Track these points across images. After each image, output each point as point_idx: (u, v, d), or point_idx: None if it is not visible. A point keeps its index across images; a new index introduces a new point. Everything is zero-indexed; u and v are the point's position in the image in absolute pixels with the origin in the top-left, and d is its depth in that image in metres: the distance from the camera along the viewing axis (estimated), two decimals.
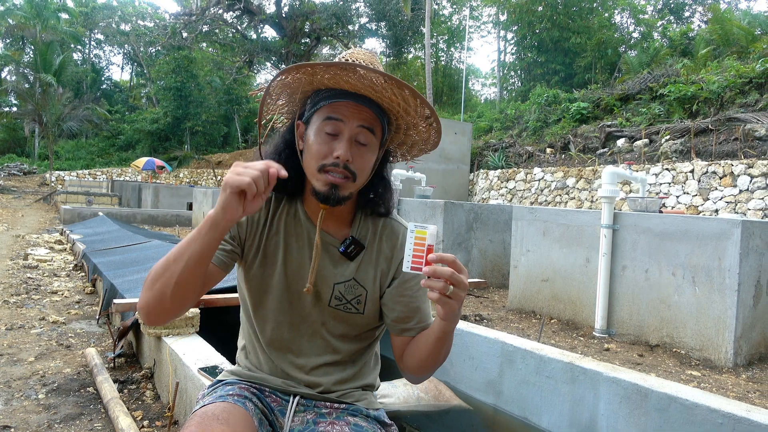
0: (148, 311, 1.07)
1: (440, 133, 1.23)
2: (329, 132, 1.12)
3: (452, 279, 0.96)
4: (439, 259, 0.97)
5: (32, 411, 2.38)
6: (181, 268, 1.02)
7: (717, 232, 3.24)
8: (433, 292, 0.97)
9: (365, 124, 1.13)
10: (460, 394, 2.94)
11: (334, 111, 1.12)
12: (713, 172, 9.36)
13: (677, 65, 14.11)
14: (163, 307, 1.06)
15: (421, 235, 0.99)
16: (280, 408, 1.24)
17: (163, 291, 1.04)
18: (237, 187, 0.96)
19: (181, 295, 1.05)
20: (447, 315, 1.04)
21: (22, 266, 6.03)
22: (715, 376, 3.01)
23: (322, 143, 1.12)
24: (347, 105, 1.12)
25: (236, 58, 31.50)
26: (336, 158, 1.11)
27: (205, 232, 1.01)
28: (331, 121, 1.12)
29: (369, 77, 1.07)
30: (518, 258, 4.61)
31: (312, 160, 1.14)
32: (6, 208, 15.83)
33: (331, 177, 1.12)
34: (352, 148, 1.12)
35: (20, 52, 32.95)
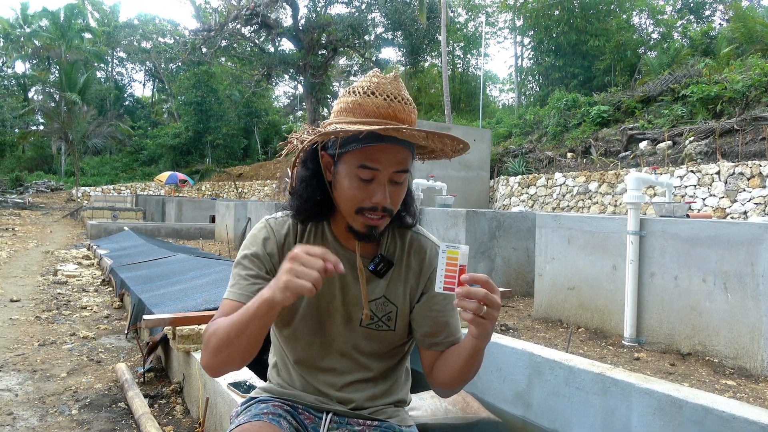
0: (217, 371, 1.11)
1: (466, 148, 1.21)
2: (364, 177, 1.10)
3: (486, 299, 0.96)
4: (472, 280, 0.96)
5: (66, 427, 2.42)
6: (245, 342, 1.04)
7: (749, 236, 3.17)
8: (467, 313, 0.97)
9: (400, 168, 1.12)
10: (488, 406, 2.91)
11: (369, 159, 1.09)
12: (740, 173, 9.18)
13: (699, 65, 13.89)
14: (231, 368, 1.10)
15: (453, 255, 0.99)
16: (313, 425, 1.24)
17: (232, 358, 1.07)
18: (298, 292, 0.95)
19: (248, 356, 1.08)
20: (480, 334, 1.04)
21: (52, 282, 6.16)
22: (751, 385, 2.94)
23: (358, 189, 1.11)
24: (382, 150, 1.08)
25: (255, 71, 31.88)
26: (374, 204, 1.11)
27: (262, 313, 1.00)
28: (367, 170, 1.09)
29: (412, 135, 1.07)
30: (543, 266, 4.57)
31: (348, 203, 1.13)
32: (35, 224, 16.21)
33: (370, 221, 1.12)
34: (388, 189, 1.11)
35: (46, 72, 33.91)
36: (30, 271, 7.06)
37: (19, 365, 3.25)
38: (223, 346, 1.06)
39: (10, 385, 2.91)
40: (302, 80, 30.24)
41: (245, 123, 33.01)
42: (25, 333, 3.99)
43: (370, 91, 1.12)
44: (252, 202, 12.43)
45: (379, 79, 1.14)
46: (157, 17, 43.16)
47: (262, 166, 29.37)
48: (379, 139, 1.07)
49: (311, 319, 1.24)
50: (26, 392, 2.82)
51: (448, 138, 1.10)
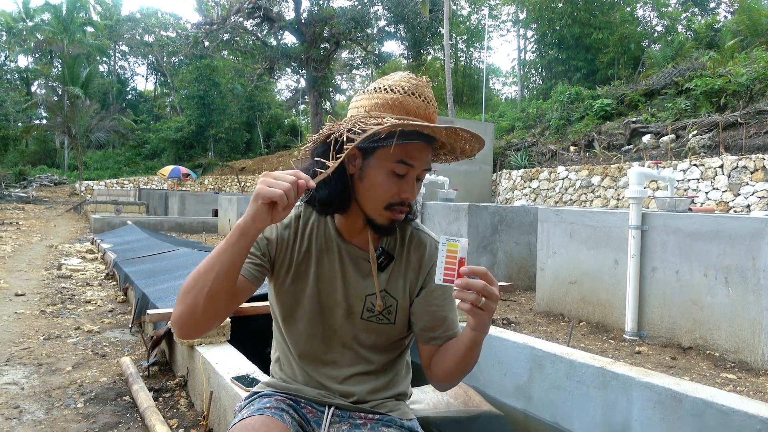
0: (182, 324, 1.10)
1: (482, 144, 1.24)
2: (399, 173, 1.14)
3: (484, 291, 0.98)
4: (471, 272, 0.98)
5: (72, 420, 2.45)
6: (212, 279, 1.05)
7: (750, 231, 3.17)
8: (465, 303, 0.99)
9: (428, 167, 1.18)
10: (490, 400, 2.93)
11: (407, 155, 1.13)
12: (744, 166, 9.15)
13: (703, 58, 13.82)
14: (195, 320, 1.08)
15: (452, 247, 1.00)
16: (315, 419, 1.26)
17: (196, 303, 1.06)
18: (268, 198, 0.98)
19: (213, 307, 1.08)
20: (477, 325, 1.05)
21: (57, 276, 6.19)
22: (752, 379, 2.95)
23: (391, 183, 1.14)
24: (417, 147, 1.14)
25: (257, 65, 31.84)
26: (404, 199, 1.15)
27: (234, 241, 1.04)
28: (404, 166, 1.13)
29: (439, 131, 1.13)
30: (545, 260, 4.58)
31: (378, 198, 1.16)
32: (39, 218, 16.28)
33: (396, 215, 1.17)
34: (416, 185, 1.18)
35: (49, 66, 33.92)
36: (34, 265, 7.10)
37: (25, 359, 3.29)
38: (191, 286, 1.06)
39: (16, 379, 2.94)
40: (305, 74, 30.18)
41: (248, 117, 33.01)
42: (30, 327, 4.02)
43: (411, 92, 1.15)
44: None
45: (417, 81, 1.18)
46: (159, 11, 43.21)
47: (265, 159, 29.40)
48: (418, 137, 1.12)
49: (313, 312, 1.26)
50: (32, 386, 2.85)
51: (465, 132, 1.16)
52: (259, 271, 1.21)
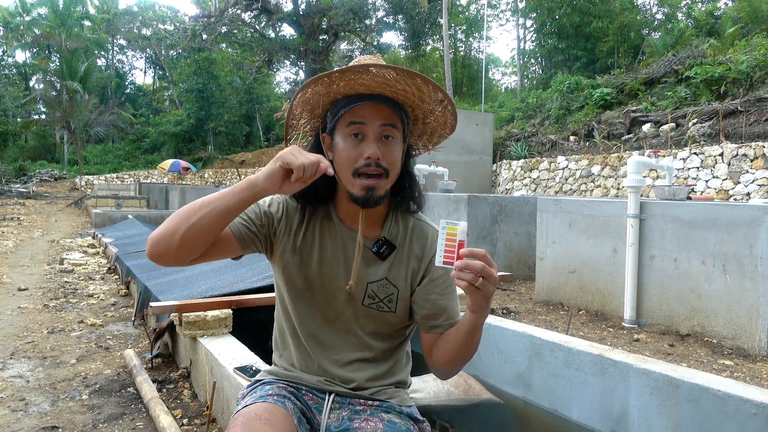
0: (155, 242, 1.12)
1: (456, 115, 1.27)
2: (355, 135, 1.18)
3: (483, 272, 1.00)
4: (471, 254, 1.01)
5: (77, 411, 2.48)
6: (203, 214, 1.10)
7: (747, 218, 3.19)
8: (462, 282, 1.01)
9: (387, 122, 1.18)
10: (490, 388, 2.97)
11: (355, 115, 1.17)
12: (744, 154, 9.14)
13: (703, 46, 13.75)
14: (168, 243, 1.11)
15: (452, 231, 1.03)
16: (316, 406, 1.29)
17: (178, 227, 1.10)
18: (288, 163, 1.06)
19: (191, 239, 1.11)
20: (476, 306, 1.08)
21: (59, 271, 6.23)
22: (749, 365, 2.98)
23: (351, 147, 1.18)
24: (367, 107, 1.17)
25: (255, 57, 31.73)
26: (367, 159, 1.16)
27: (238, 189, 1.10)
28: (355, 125, 1.17)
29: (381, 74, 1.12)
30: (544, 250, 4.60)
31: (345, 166, 1.19)
32: (40, 213, 16.31)
33: (366, 181, 1.17)
34: (380, 146, 1.17)
35: (47, 61, 33.80)
36: (36, 260, 7.13)
37: (30, 352, 3.32)
38: (182, 213, 1.11)
39: (21, 372, 2.98)
40: (303, 66, 30.10)
41: (247, 110, 32.90)
42: (33, 321, 4.06)
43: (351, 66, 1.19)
44: None
45: (360, 57, 1.26)
46: (156, 4, 42.83)
47: (265, 152, 29.34)
48: (363, 98, 1.16)
49: (318, 295, 1.29)
50: (37, 378, 2.89)
51: (420, 78, 1.14)
52: (249, 236, 1.24)
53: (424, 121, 1.30)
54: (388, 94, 1.18)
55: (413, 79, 1.14)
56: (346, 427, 1.24)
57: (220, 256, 1.23)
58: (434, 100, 1.21)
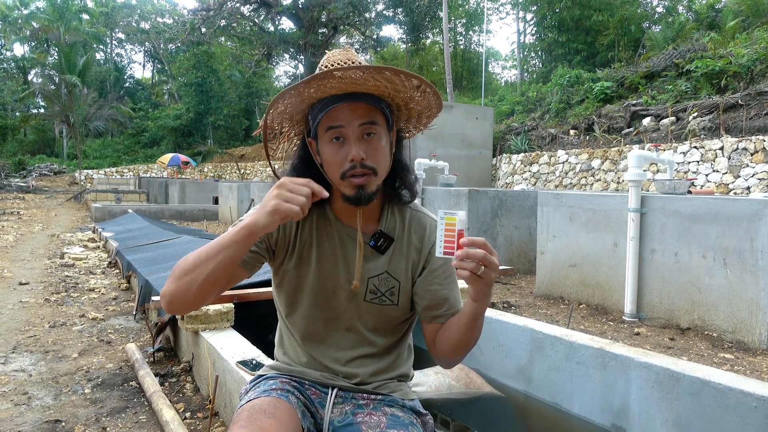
0: (171, 301, 1.14)
1: (438, 95, 1.22)
2: (336, 140, 1.16)
3: (484, 260, 1.00)
4: (471, 243, 1.00)
5: (80, 405, 2.49)
6: (211, 269, 1.09)
7: (748, 212, 3.19)
8: (464, 271, 1.01)
9: (365, 120, 1.16)
10: (491, 382, 2.98)
11: (331, 119, 1.15)
12: (744, 148, 9.14)
13: (704, 39, 13.72)
14: (185, 300, 1.13)
15: (450, 220, 1.03)
16: (319, 400, 1.29)
17: (190, 285, 1.11)
18: (286, 216, 1.03)
19: (206, 291, 1.13)
20: (477, 295, 1.07)
21: (60, 265, 6.23)
22: (749, 359, 2.99)
23: (334, 152, 1.16)
24: (341, 108, 1.14)
25: (255, 51, 31.63)
26: (351, 161, 1.14)
27: (240, 239, 1.07)
28: (333, 130, 1.15)
29: (347, 76, 1.10)
30: (545, 244, 4.60)
31: (332, 171, 1.18)
32: (40, 207, 16.30)
33: (354, 180, 1.15)
34: (362, 145, 1.15)
35: (45, 55, 33.70)
36: (37, 254, 7.13)
37: (32, 346, 3.33)
38: (189, 269, 1.11)
39: (23, 366, 2.98)
40: (303, 59, 30.01)
41: (246, 103, 32.85)
42: (35, 315, 4.06)
43: (324, 66, 1.19)
44: (255, 183, 12.46)
45: (329, 54, 1.23)
46: None
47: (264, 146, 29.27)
48: (336, 100, 1.13)
49: (317, 295, 1.28)
50: (39, 372, 2.89)
51: (388, 71, 1.11)
52: (254, 259, 1.25)
53: (406, 107, 1.27)
54: (360, 91, 1.15)
55: (381, 74, 1.11)
56: (349, 422, 1.24)
57: (231, 286, 1.25)
58: (409, 87, 1.18)
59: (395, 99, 1.22)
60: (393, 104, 1.24)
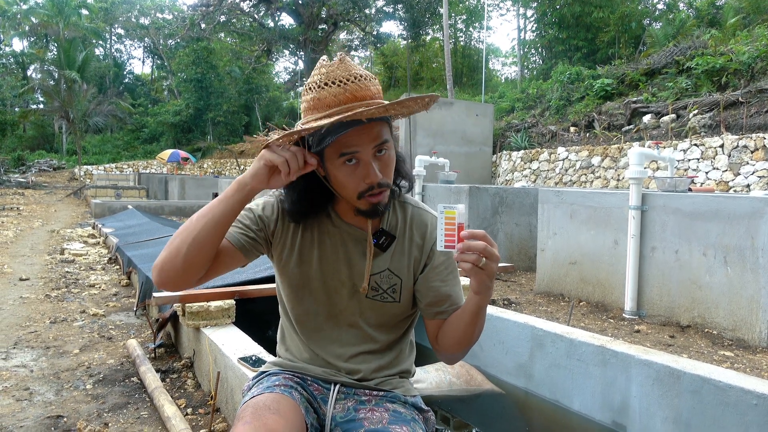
0: (161, 269, 1.14)
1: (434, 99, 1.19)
2: (348, 162, 1.13)
3: (485, 252, 1.00)
4: (471, 236, 1.01)
5: (82, 401, 2.50)
6: (201, 226, 1.11)
7: (749, 210, 3.19)
8: (466, 264, 1.01)
9: (378, 142, 1.13)
10: (492, 378, 2.98)
11: (344, 146, 1.11)
12: (744, 146, 9.13)
13: (705, 36, 13.70)
14: (173, 266, 1.12)
15: (450, 214, 1.03)
16: (322, 396, 1.29)
17: (179, 248, 1.11)
18: (270, 162, 1.07)
19: (195, 255, 1.12)
20: (480, 287, 1.08)
21: (60, 261, 6.23)
22: (749, 356, 3.00)
23: (349, 175, 1.14)
24: (355, 133, 1.09)
25: (254, 47, 31.56)
26: (369, 184, 1.14)
27: (230, 194, 1.11)
28: (347, 155, 1.12)
29: (370, 113, 1.06)
30: (545, 241, 4.61)
31: (347, 192, 1.17)
32: (39, 203, 16.29)
33: (372, 199, 1.16)
34: (377, 163, 1.14)
35: (44, 50, 33.59)
36: (37, 250, 7.13)
37: (32, 342, 3.33)
38: (180, 232, 1.13)
39: (25, 362, 2.99)
40: (303, 56, 29.95)
41: (246, 100, 32.78)
42: (36, 311, 4.07)
43: (323, 83, 1.11)
44: None
45: (327, 68, 1.13)
46: None
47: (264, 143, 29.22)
48: (348, 125, 1.07)
49: (319, 292, 1.28)
50: (41, 368, 2.90)
51: (410, 101, 1.11)
52: (249, 242, 1.24)
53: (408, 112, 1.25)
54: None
55: (402, 106, 1.11)
56: (351, 418, 1.25)
57: (225, 269, 1.23)
58: (421, 105, 1.17)
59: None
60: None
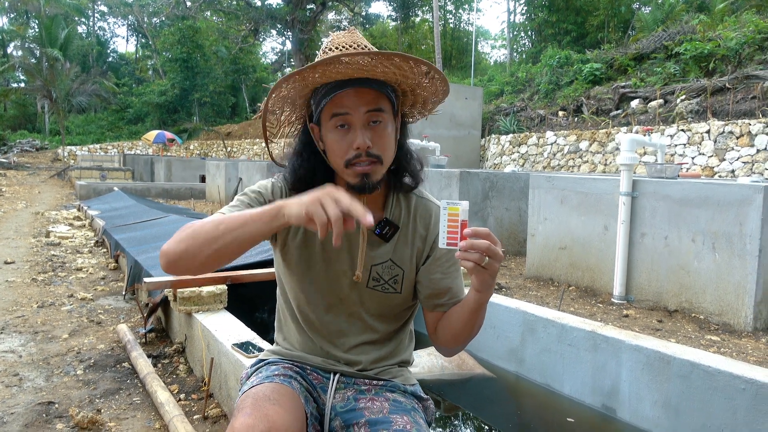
0: (175, 261, 1.08)
1: (446, 81, 1.20)
2: (341, 127, 1.13)
3: (488, 251, 0.99)
4: (474, 234, 0.99)
5: (73, 387, 2.48)
6: (229, 240, 1.03)
7: (738, 197, 3.23)
8: (468, 263, 1.00)
9: (371, 107, 1.13)
10: (483, 363, 3.01)
11: (336, 106, 1.12)
12: (730, 132, 9.22)
13: (693, 21, 13.73)
14: (189, 264, 1.07)
15: (453, 211, 1.01)
16: (321, 385, 1.29)
17: (200, 250, 1.05)
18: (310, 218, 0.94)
19: (213, 261, 1.07)
20: (481, 285, 1.07)
21: (45, 243, 6.15)
22: (735, 341, 3.05)
23: (339, 140, 1.13)
24: (347, 94, 1.11)
25: (241, 26, 31.07)
26: (356, 149, 1.12)
27: (267, 220, 1.00)
28: (339, 117, 1.12)
29: (355, 61, 1.07)
30: (535, 226, 4.63)
31: (336, 159, 1.15)
32: (22, 184, 16.02)
33: (359, 168, 1.13)
34: (368, 132, 1.13)
35: (25, 27, 32.80)
36: (22, 232, 7.03)
37: (20, 327, 3.29)
38: (201, 235, 1.05)
39: (13, 347, 2.95)
40: (290, 36, 29.56)
41: (233, 80, 32.34)
42: (22, 295, 4.01)
43: (327, 49, 1.15)
44: (242, 161, 12.34)
45: (333, 36, 1.18)
46: None
47: (251, 124, 28.94)
48: (342, 85, 1.10)
49: (321, 279, 1.27)
50: (30, 353, 2.87)
51: (398, 57, 1.08)
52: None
53: (413, 92, 1.24)
54: (368, 76, 1.12)
55: (390, 60, 1.08)
56: (351, 408, 1.24)
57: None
58: (418, 73, 1.15)
59: (402, 85, 1.20)
60: (399, 90, 1.21)
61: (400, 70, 1.12)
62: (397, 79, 1.16)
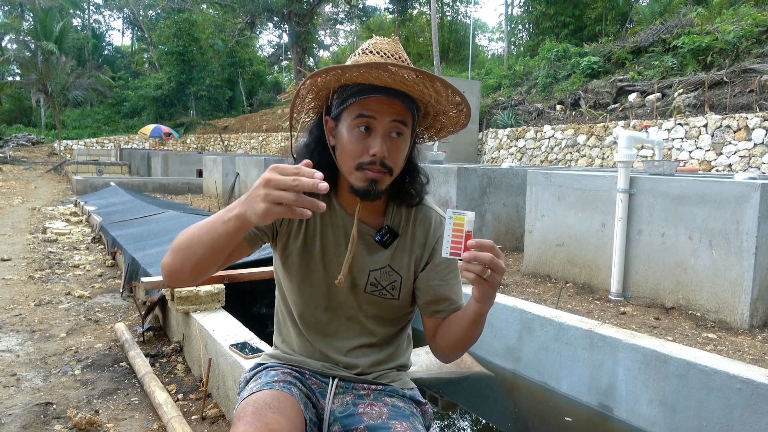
0: (170, 274, 1.13)
1: (469, 116, 1.22)
2: (362, 129, 1.12)
3: (491, 264, 0.98)
4: (479, 246, 0.99)
5: (71, 387, 2.48)
6: (202, 253, 1.05)
7: (736, 195, 3.23)
8: (470, 274, 1.00)
9: (398, 118, 1.13)
10: (481, 361, 3.02)
11: (365, 108, 1.11)
12: (727, 125, 9.22)
13: (691, 14, 13.70)
14: (181, 276, 1.12)
15: (459, 221, 1.01)
16: (320, 390, 1.29)
17: (184, 263, 1.09)
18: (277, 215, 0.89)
19: (201, 270, 1.10)
20: (482, 297, 1.07)
21: (42, 240, 6.13)
22: (731, 338, 3.06)
23: (357, 141, 1.13)
24: (378, 100, 1.11)
25: (238, 19, 30.91)
26: (372, 156, 1.11)
27: (232, 226, 0.98)
28: (364, 119, 1.12)
29: (400, 74, 1.06)
30: (533, 223, 4.63)
31: (348, 159, 1.15)
32: (18, 179, 15.96)
33: (369, 174, 1.13)
34: (388, 142, 1.13)
35: (20, 20, 32.53)
36: (18, 228, 7.01)
37: (17, 326, 3.29)
38: (183, 246, 1.09)
39: (10, 346, 2.95)
40: (287, 29, 29.42)
41: (229, 74, 32.21)
42: (19, 293, 4.01)
43: (368, 51, 1.16)
44: (239, 156, 12.31)
45: (377, 40, 1.19)
46: None
47: (248, 118, 28.86)
48: (375, 90, 1.10)
49: (320, 284, 1.27)
50: (27, 353, 2.86)
51: (439, 82, 1.10)
52: (257, 236, 1.23)
53: (435, 117, 1.25)
54: (402, 89, 1.12)
55: (432, 83, 1.10)
56: (351, 412, 1.25)
57: (232, 261, 1.23)
58: (451, 102, 1.17)
59: (429, 107, 1.21)
60: (423, 110, 1.23)
61: (436, 94, 1.14)
62: (429, 101, 1.17)
